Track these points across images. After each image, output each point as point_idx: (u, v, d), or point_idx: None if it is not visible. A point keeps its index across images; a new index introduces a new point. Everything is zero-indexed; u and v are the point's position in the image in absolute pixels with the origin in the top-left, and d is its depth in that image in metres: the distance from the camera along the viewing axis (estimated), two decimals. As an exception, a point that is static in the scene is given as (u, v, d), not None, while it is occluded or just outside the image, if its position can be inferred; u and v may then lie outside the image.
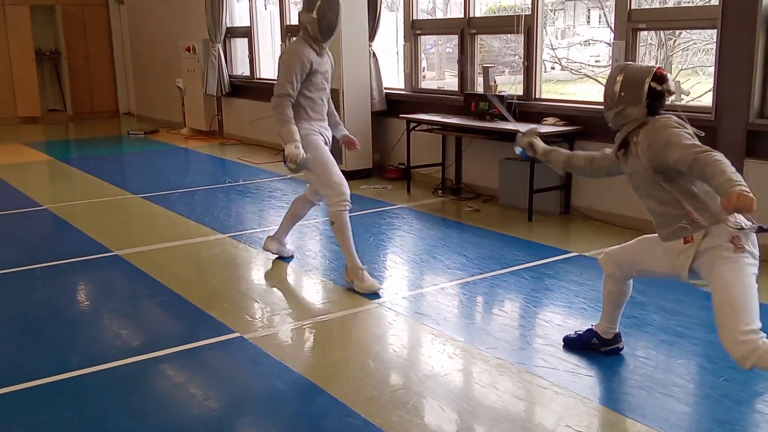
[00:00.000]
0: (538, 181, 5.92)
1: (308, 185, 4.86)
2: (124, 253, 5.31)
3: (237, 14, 10.77)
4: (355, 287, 4.44)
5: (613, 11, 5.75)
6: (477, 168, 6.95)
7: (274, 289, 4.77)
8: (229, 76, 10.65)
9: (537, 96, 6.46)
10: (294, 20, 9.43)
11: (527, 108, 6.38)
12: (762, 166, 4.86)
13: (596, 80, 8.12)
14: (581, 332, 3.62)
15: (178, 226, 6.11)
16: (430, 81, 9.14)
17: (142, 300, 4.55)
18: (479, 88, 6.98)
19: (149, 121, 12.97)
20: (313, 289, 4.75)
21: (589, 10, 10.16)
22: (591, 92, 8.07)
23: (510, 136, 6.13)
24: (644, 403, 3.11)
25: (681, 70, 8.08)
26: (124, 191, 7.45)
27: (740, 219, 2.79)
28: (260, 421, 3.12)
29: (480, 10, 7.50)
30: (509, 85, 7.13)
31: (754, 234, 2.86)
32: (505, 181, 6.44)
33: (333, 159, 4.50)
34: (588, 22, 10.45)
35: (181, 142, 10.77)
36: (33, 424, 3.07)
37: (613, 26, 5.81)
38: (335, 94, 7.60)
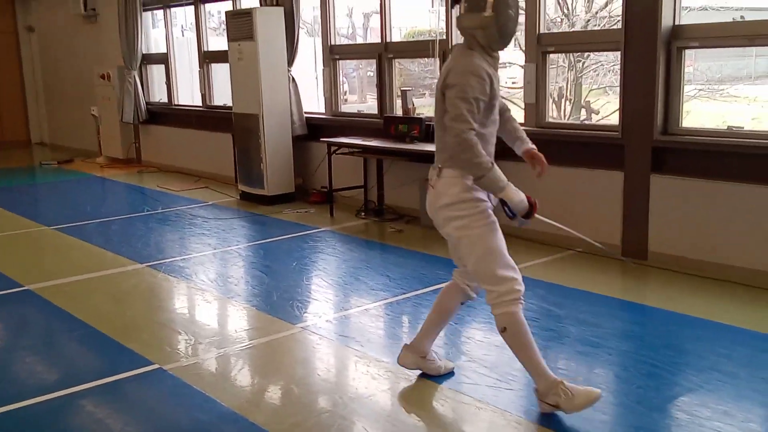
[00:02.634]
0: (458, 200, 6.02)
1: (458, 269, 3.52)
2: (37, 287, 5.11)
3: (153, 41, 10.62)
4: (564, 408, 3.10)
5: (524, 35, 5.95)
6: (399, 189, 7.03)
7: (195, 318, 4.68)
8: (146, 103, 10.46)
9: (454, 117, 6.59)
10: (213, 47, 9.38)
11: (445, 129, 6.50)
12: (667, 181, 5.09)
13: (511, 101, 8.35)
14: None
15: (95, 258, 5.93)
16: (352, 104, 9.21)
17: (57, 335, 4.39)
18: (398, 111, 7.08)
19: (63, 151, 12.58)
20: (235, 317, 4.68)
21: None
22: (507, 113, 8.28)
23: (429, 158, 6.24)
24: (563, 414, 3.18)
25: (591, 90, 8.38)
26: (37, 223, 7.19)
27: None
28: (181, 454, 3.05)
29: (399, 35, 7.62)
30: (428, 107, 7.25)
31: None
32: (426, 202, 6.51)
33: (499, 233, 3.23)
34: (504, 45, 10.74)
35: (98, 171, 10.49)
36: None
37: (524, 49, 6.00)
38: (254, 119, 7.59)
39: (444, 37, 6.48)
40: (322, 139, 7.35)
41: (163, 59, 10.22)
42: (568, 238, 5.65)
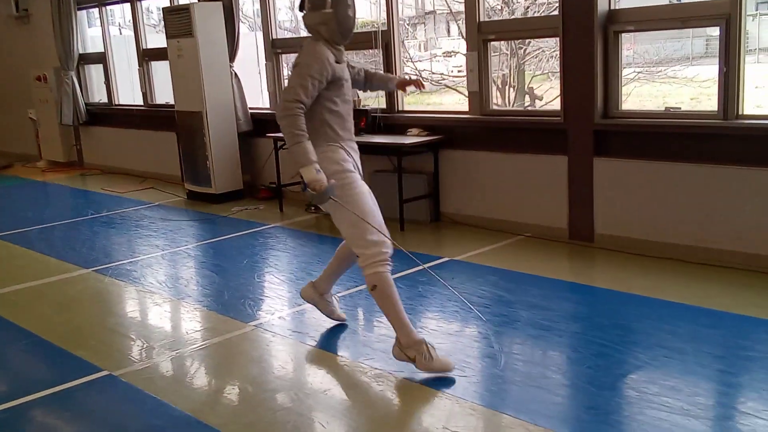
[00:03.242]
0: (407, 191, 6.04)
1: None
2: (-22, 298, 4.96)
3: (90, 40, 10.36)
4: (420, 367, 3.44)
5: (465, 23, 5.98)
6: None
7: (145, 322, 4.60)
8: (86, 104, 10.21)
9: (400, 108, 6.61)
10: (152, 44, 9.19)
11: (391, 121, 6.51)
12: (609, 163, 5.19)
13: (456, 90, 8.40)
14: None
15: (38, 265, 5.78)
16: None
17: (1, 346, 4.26)
18: (344, 104, 7.04)
19: (1, 156, 12.18)
20: (186, 318, 4.62)
21: (448, 22, 10.51)
22: (454, 102, 8.33)
23: (376, 149, 6.25)
24: (518, 398, 3.24)
25: (534, 76, 8.48)
26: (-24, 232, 6.97)
27: None
28: (136, 461, 3.00)
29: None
30: (374, 98, 7.24)
31: None
32: (376, 193, 6.50)
33: (374, 204, 3.59)
34: (448, 34, 10.81)
35: (38, 176, 10.21)
36: None
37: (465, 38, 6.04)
38: (198, 117, 7.47)
39: (386, 28, 6.47)
40: (268, 135, 7.29)
41: (101, 58, 9.98)
42: (517, 224, 5.74)
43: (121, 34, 10.44)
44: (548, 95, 7.73)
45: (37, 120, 10.77)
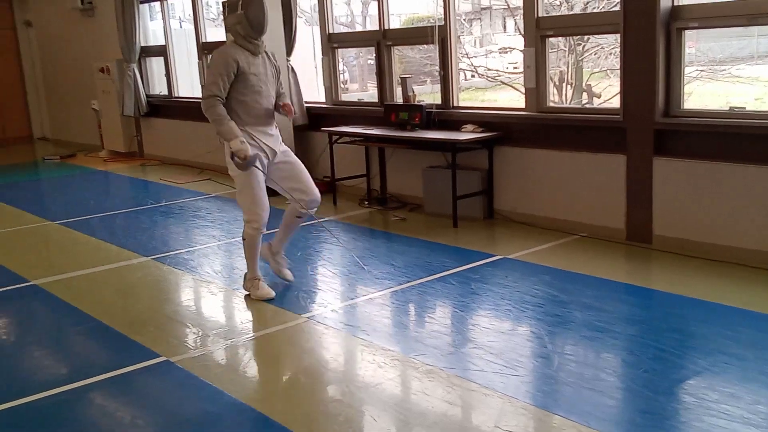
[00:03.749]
0: (461, 187, 6.02)
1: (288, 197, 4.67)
2: (43, 282, 5.13)
3: (151, 33, 10.59)
4: (251, 295, 4.62)
5: (523, 19, 5.92)
6: (401, 177, 7.02)
7: (201, 310, 4.70)
8: (147, 96, 10.44)
9: (455, 104, 6.58)
10: (210, 38, 9.35)
11: (446, 116, 6.49)
12: (669, 163, 5.07)
13: (512, 87, 8.32)
14: None
15: (100, 252, 5.95)
16: (353, 93, 9.19)
17: (63, 330, 4.41)
18: (399, 99, 7.06)
19: (65, 145, 12.58)
20: (241, 308, 4.69)
21: (504, 18, 10.41)
22: (510, 98, 8.26)
23: (430, 145, 6.25)
24: (570, 399, 3.20)
25: (592, 73, 8.35)
26: (41, 219, 7.21)
27: None
28: (191, 446, 3.07)
29: (398, 22, 7.60)
30: (429, 94, 7.23)
31: None
32: (429, 189, 6.52)
33: (260, 180, 4.42)
34: (504, 30, 10.71)
35: (100, 165, 10.49)
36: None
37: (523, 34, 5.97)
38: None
39: (443, 23, 6.45)
40: (323, 129, 7.34)
41: (162, 51, 10.19)
42: (572, 223, 5.66)
43: (181, 27, 10.64)
44: (606, 93, 7.59)
45: (100, 111, 11.06)
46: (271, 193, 4.58)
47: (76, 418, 3.32)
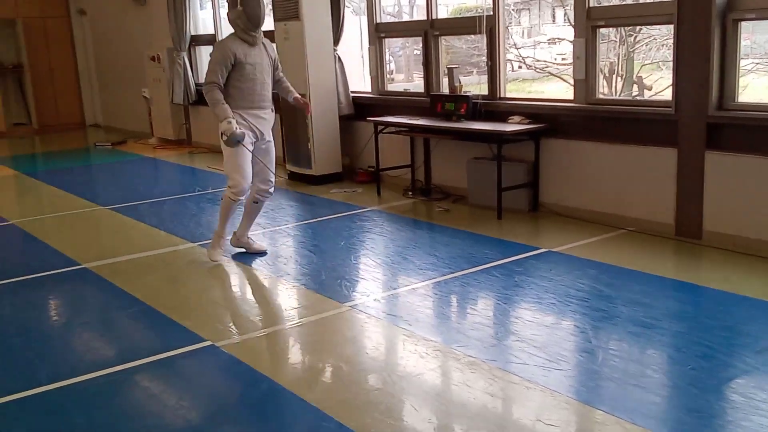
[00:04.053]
0: (506, 179, 5.97)
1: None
2: (93, 265, 5.26)
3: (201, 22, 10.72)
4: (208, 252, 5.27)
5: (573, 9, 5.83)
6: (446, 168, 6.99)
7: (246, 296, 4.76)
8: (196, 84, 10.59)
9: (502, 95, 6.52)
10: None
11: (492, 107, 6.44)
12: (722, 157, 4.95)
13: (561, 78, 8.21)
14: None
15: (148, 237, 6.07)
16: (399, 83, 9.17)
17: (112, 312, 4.51)
18: (445, 90, 7.03)
19: (116, 132, 12.85)
20: (285, 295, 4.74)
21: (553, 8, 10.26)
22: (557, 90, 8.16)
23: (476, 136, 6.21)
24: (614, 395, 3.16)
25: (643, 65, 8.18)
26: (92, 203, 7.38)
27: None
28: (233, 428, 3.11)
29: (445, 12, 7.55)
30: (476, 85, 7.18)
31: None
32: (474, 181, 6.49)
33: (246, 155, 5.00)
34: (553, 20, 10.56)
35: (150, 152, 10.69)
36: (3, 442, 3.04)
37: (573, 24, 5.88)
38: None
39: (491, 12, 6.39)
40: (368, 119, 7.35)
41: (211, 40, 10.31)
42: (619, 217, 5.57)
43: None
44: (657, 85, 7.44)
45: (150, 98, 11.26)
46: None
47: (123, 398, 3.40)
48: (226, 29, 10.31)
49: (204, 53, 10.76)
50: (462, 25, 7.10)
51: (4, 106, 13.06)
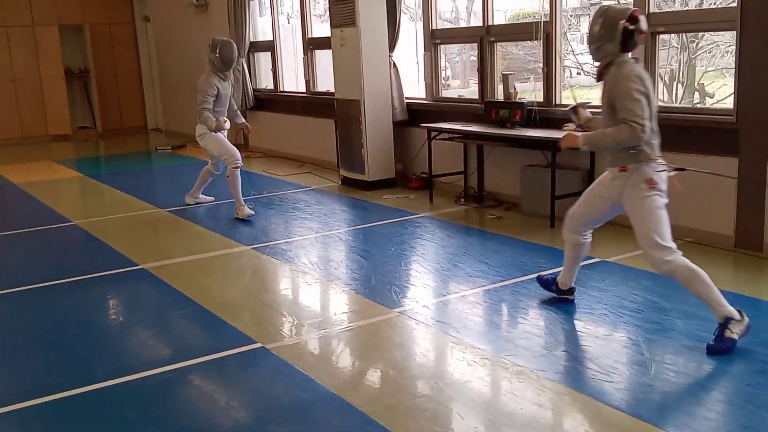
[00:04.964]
0: (560, 187, 5.90)
1: (210, 161, 7.28)
2: (151, 266, 5.39)
3: (260, 29, 10.90)
4: (239, 215, 6.72)
5: (632, 15, 5.72)
6: (499, 176, 6.95)
7: (297, 300, 4.81)
8: (254, 90, 10.77)
9: (557, 102, 6.45)
10: (317, 33, 9.55)
11: (547, 114, 6.37)
12: (786, 168, 4.80)
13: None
14: (550, 278, 4.36)
15: (204, 239, 6.20)
16: (455, 89, 9.15)
17: (168, 312, 4.63)
18: (500, 96, 6.98)
19: (176, 136, 13.15)
20: (335, 299, 4.78)
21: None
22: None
23: (530, 143, 6.15)
24: (666, 409, 3.09)
25: (705, 72, 7.99)
26: (152, 206, 7.58)
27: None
28: (280, 429, 3.15)
29: (503, 18, 7.50)
30: (531, 92, 7.12)
31: (665, 173, 3.77)
32: (527, 189, 6.43)
33: (225, 138, 6.90)
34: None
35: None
36: (60, 435, 3.14)
37: (632, 30, 5.77)
38: (356, 105, 7.68)
39: (548, 19, 6.33)
40: (422, 125, 7.36)
41: (270, 47, 10.48)
42: (677, 228, 5.43)
43: (288, 23, 10.90)
44: (720, 93, 7.25)
45: (209, 104, 11.47)
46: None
47: (176, 396, 3.48)
48: (285, 36, 10.52)
49: (263, 59, 10.94)
50: (518, 32, 7.05)
51: (70, 109, 13.52)
